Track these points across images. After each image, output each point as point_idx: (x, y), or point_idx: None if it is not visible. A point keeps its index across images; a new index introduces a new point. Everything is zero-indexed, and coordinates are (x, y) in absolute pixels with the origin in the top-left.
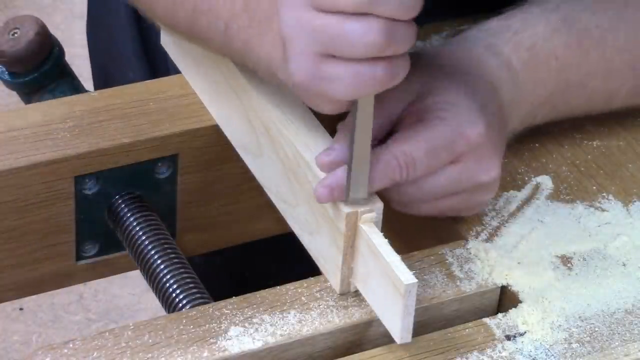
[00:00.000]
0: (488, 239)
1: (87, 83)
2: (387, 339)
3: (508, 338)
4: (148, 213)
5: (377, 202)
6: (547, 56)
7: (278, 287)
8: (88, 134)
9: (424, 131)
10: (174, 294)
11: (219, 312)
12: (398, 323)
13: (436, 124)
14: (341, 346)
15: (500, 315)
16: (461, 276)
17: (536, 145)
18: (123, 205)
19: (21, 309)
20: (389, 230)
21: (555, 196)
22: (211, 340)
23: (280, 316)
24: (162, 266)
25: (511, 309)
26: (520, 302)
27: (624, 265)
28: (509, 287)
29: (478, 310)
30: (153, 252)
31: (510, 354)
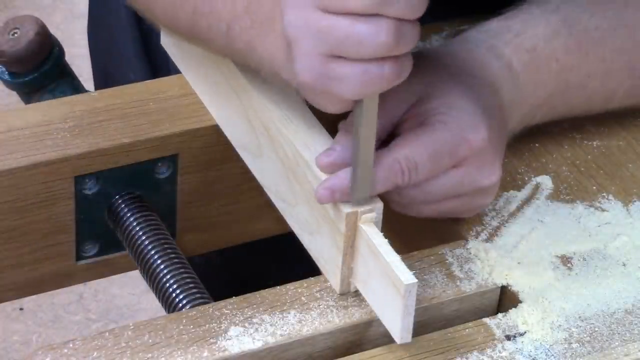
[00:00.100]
0: (488, 239)
1: (87, 83)
2: (387, 339)
3: (508, 338)
4: (148, 213)
5: (377, 202)
6: (548, 58)
7: (278, 287)
8: (88, 134)
9: (427, 135)
10: (174, 294)
11: (219, 312)
12: (398, 323)
13: (439, 128)
14: (341, 346)
15: (500, 315)
16: (461, 276)
17: (536, 145)
18: (123, 205)
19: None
20: (389, 230)
21: (555, 196)
22: (211, 340)
23: (280, 316)
24: (162, 266)
25: (511, 309)
26: (520, 302)
27: (624, 265)
28: (509, 287)
29: (478, 310)
30: (153, 252)
31: (510, 354)
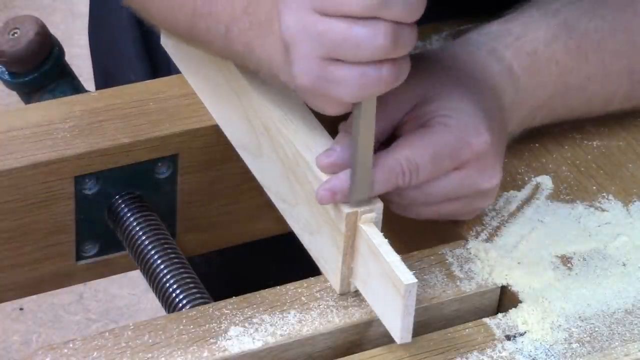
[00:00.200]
0: (488, 239)
1: (87, 83)
2: (387, 339)
3: (508, 338)
4: (148, 213)
5: (377, 202)
6: (548, 61)
7: (278, 287)
8: (88, 134)
9: (429, 138)
10: (174, 294)
11: (219, 312)
12: (398, 323)
13: (441, 131)
14: (341, 346)
15: (500, 315)
16: (461, 276)
17: (536, 145)
18: (123, 205)
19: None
20: (389, 230)
21: (555, 196)
22: (211, 340)
23: (280, 316)
24: (162, 266)
25: (511, 309)
26: (520, 302)
27: (624, 265)
28: (509, 287)
29: (478, 310)
30: (153, 252)
31: (510, 354)
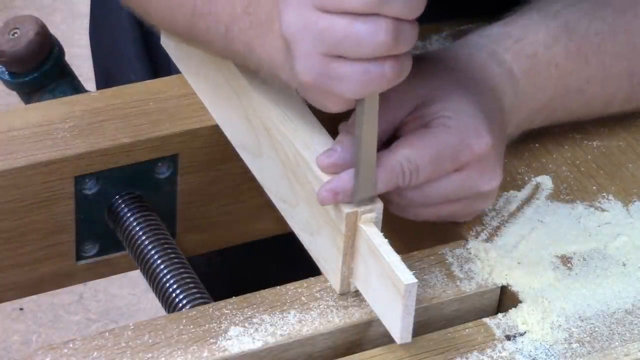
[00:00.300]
0: (488, 239)
1: (87, 83)
2: (387, 339)
3: (508, 338)
4: (148, 213)
5: (377, 202)
6: (548, 64)
7: (278, 287)
8: (88, 134)
9: (430, 139)
10: (174, 294)
11: (219, 312)
12: (398, 323)
13: (442, 132)
14: (341, 346)
15: (500, 315)
16: (461, 276)
17: (536, 145)
18: (123, 205)
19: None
20: (389, 230)
21: (555, 196)
22: (211, 340)
23: (280, 316)
24: (162, 266)
25: (511, 309)
26: (520, 302)
27: (624, 265)
28: (509, 287)
29: (478, 310)
30: (153, 252)
31: (510, 354)
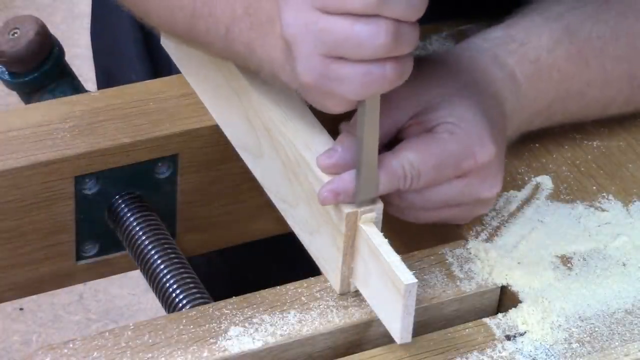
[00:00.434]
0: (488, 239)
1: (87, 83)
2: (387, 339)
3: (508, 338)
4: (148, 213)
5: (378, 203)
6: (550, 68)
7: (278, 287)
8: (88, 134)
9: (434, 145)
10: (174, 294)
11: (219, 312)
12: (398, 323)
13: (446, 139)
14: (341, 346)
15: (500, 315)
16: (461, 276)
17: (536, 145)
18: (123, 205)
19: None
20: (389, 230)
21: (555, 196)
22: (211, 340)
23: (280, 316)
24: (162, 266)
25: (511, 309)
26: (520, 302)
27: (624, 265)
28: (509, 287)
29: (478, 310)
30: (153, 252)
31: (510, 354)
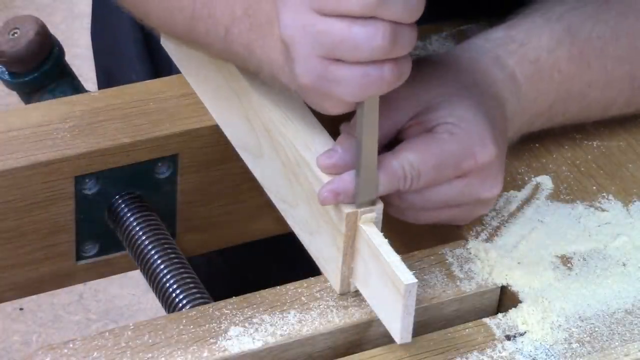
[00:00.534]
0: (488, 239)
1: (87, 83)
2: (387, 339)
3: (508, 338)
4: (148, 213)
5: (378, 203)
6: (551, 68)
7: (278, 287)
8: (88, 134)
9: (434, 145)
10: (174, 294)
11: (219, 312)
12: (398, 323)
13: (446, 139)
14: (341, 346)
15: (500, 315)
16: (461, 276)
17: (536, 145)
18: (123, 205)
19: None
20: (389, 230)
21: (555, 196)
22: (211, 340)
23: (280, 316)
24: (162, 266)
25: (511, 309)
26: (520, 302)
27: (624, 265)
28: (509, 287)
29: (478, 310)
30: (153, 252)
31: (510, 354)
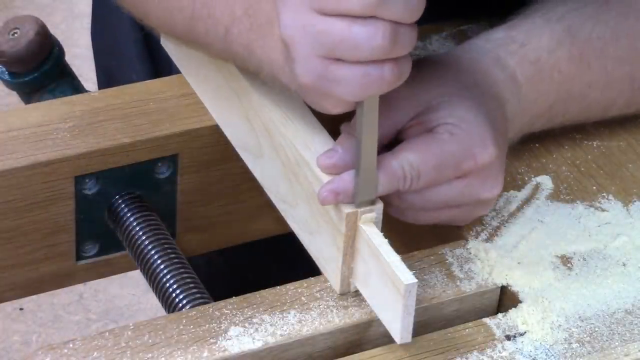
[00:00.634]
0: (488, 239)
1: (87, 83)
2: (387, 339)
3: (508, 338)
4: (148, 213)
5: (377, 202)
6: (551, 69)
7: (278, 287)
8: (88, 134)
9: (435, 145)
10: (174, 294)
11: (219, 312)
12: (398, 323)
13: (447, 140)
14: (341, 346)
15: (500, 315)
16: (461, 276)
17: (536, 145)
18: (123, 205)
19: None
20: (389, 230)
21: (555, 196)
22: (211, 340)
23: (280, 316)
24: (162, 266)
25: (511, 309)
26: (520, 302)
27: (624, 265)
28: (509, 287)
29: (478, 310)
30: (153, 252)
31: (510, 354)
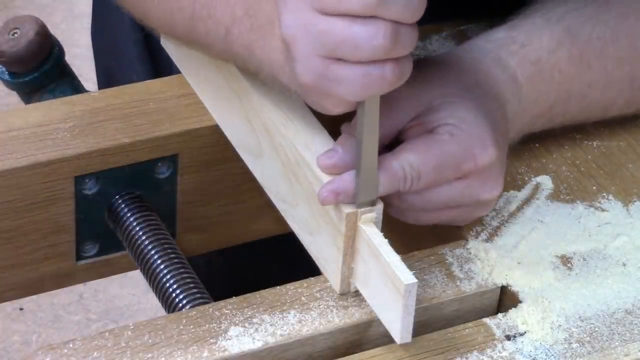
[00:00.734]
0: (488, 239)
1: (87, 83)
2: (387, 339)
3: (508, 338)
4: (148, 213)
5: (378, 203)
6: (551, 69)
7: (278, 287)
8: (88, 134)
9: (435, 146)
10: (174, 294)
11: (219, 312)
12: (398, 323)
13: (447, 140)
14: (341, 346)
15: (500, 315)
16: (461, 276)
17: (536, 145)
18: (123, 205)
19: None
20: (389, 230)
21: (555, 196)
22: (211, 340)
23: (280, 316)
24: (162, 266)
25: (511, 309)
26: (520, 302)
27: (624, 265)
28: (509, 287)
29: (478, 310)
30: (153, 252)
31: (510, 354)
